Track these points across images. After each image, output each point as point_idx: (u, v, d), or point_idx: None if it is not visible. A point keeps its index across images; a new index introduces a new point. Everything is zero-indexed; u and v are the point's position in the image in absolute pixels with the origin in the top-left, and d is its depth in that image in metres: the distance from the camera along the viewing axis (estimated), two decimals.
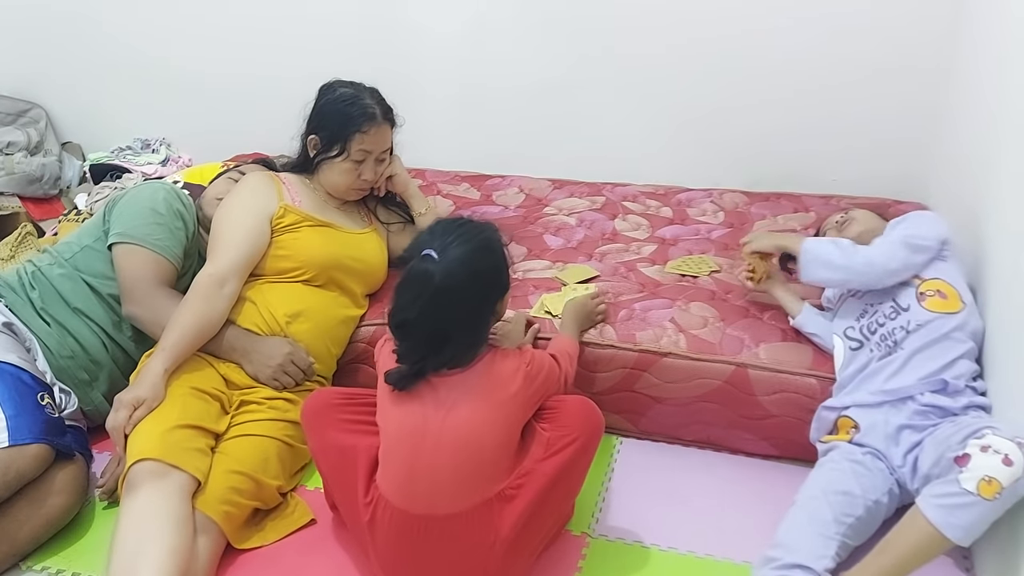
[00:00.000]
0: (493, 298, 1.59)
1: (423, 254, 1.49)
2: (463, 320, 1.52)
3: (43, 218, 3.18)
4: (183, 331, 1.81)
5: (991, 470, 1.36)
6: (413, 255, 1.52)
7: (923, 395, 1.65)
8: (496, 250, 1.58)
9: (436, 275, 1.47)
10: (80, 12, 3.33)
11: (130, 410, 1.70)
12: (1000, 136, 1.89)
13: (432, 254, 1.49)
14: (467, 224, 1.57)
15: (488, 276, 1.56)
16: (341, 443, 1.62)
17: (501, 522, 1.52)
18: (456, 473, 1.50)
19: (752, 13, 2.66)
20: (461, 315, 1.52)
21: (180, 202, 2.08)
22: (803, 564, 1.47)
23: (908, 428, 1.63)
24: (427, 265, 1.48)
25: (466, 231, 1.55)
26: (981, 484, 1.36)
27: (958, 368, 1.67)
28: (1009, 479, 1.35)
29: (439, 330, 1.50)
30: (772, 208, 2.65)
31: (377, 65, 2.56)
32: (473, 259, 1.51)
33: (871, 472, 1.63)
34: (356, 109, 2.05)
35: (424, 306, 1.48)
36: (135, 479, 1.61)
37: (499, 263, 1.59)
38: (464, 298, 1.51)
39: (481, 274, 1.53)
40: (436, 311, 1.49)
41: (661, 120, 2.88)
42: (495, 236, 1.59)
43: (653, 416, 2.00)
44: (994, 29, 2.09)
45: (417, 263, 1.50)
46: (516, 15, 2.88)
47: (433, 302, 1.48)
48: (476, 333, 1.57)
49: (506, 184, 2.91)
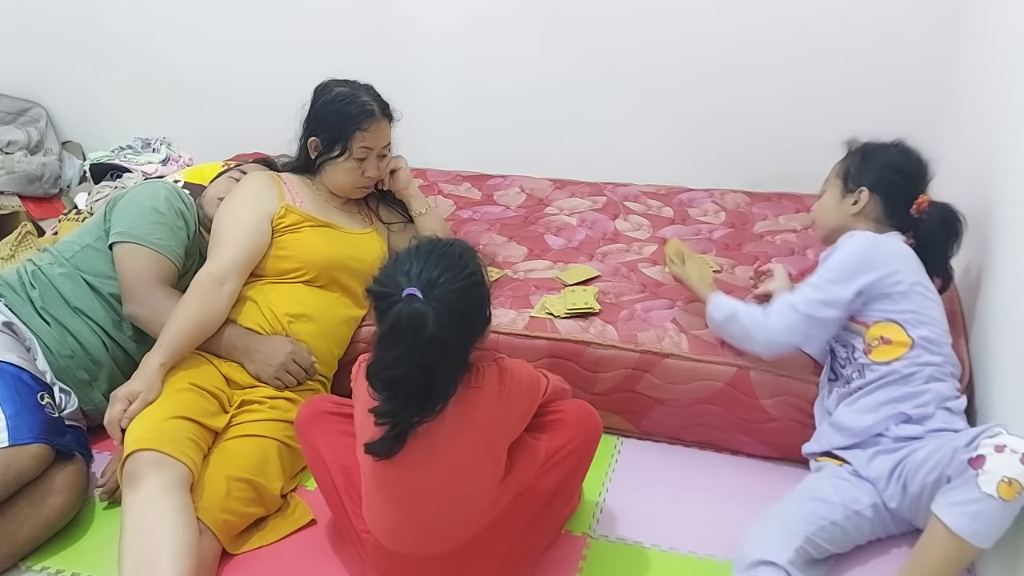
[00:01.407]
0: (477, 335, 1.44)
1: (406, 294, 1.32)
2: (450, 366, 1.38)
3: (43, 217, 3.17)
4: (181, 328, 1.81)
5: (1010, 470, 1.32)
6: (391, 291, 1.34)
7: (888, 429, 1.65)
8: (480, 282, 1.42)
9: (428, 324, 1.30)
10: (81, 11, 3.33)
11: (125, 404, 1.70)
12: (1003, 134, 1.89)
13: (416, 294, 1.32)
14: (447, 256, 1.39)
15: (475, 314, 1.41)
16: (331, 458, 1.59)
17: (500, 542, 1.51)
18: (445, 516, 1.46)
19: (753, 13, 2.66)
20: (450, 362, 1.38)
21: (181, 201, 2.08)
22: (766, 560, 1.48)
23: (881, 454, 1.64)
24: (419, 310, 1.31)
25: (450, 265, 1.37)
26: (1001, 486, 1.32)
27: (922, 398, 1.63)
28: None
29: (427, 380, 1.35)
30: (773, 208, 2.65)
31: (378, 64, 2.56)
32: (464, 301, 1.36)
33: (854, 485, 1.64)
34: (354, 107, 2.05)
35: (416, 358, 1.32)
36: (134, 471, 1.60)
37: (483, 296, 1.43)
38: (455, 346, 1.37)
39: (469, 314, 1.38)
40: (425, 360, 1.33)
41: (662, 120, 2.87)
42: (477, 266, 1.42)
43: (654, 417, 2.00)
44: (997, 27, 2.09)
45: (405, 307, 1.32)
46: (517, 15, 2.87)
47: (425, 353, 1.32)
48: (459, 374, 1.41)
49: (507, 184, 2.90)
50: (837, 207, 1.85)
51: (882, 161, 1.82)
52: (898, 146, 1.84)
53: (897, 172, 1.80)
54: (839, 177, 1.85)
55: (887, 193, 1.79)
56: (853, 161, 1.85)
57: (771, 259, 2.33)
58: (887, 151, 1.83)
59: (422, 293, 1.32)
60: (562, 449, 1.57)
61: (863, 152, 1.85)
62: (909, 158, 1.82)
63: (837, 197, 1.85)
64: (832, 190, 1.87)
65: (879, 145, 1.85)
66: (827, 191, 1.88)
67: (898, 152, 1.83)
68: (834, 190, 1.86)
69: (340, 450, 1.57)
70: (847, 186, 1.83)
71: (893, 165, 1.81)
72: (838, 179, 1.85)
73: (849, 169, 1.84)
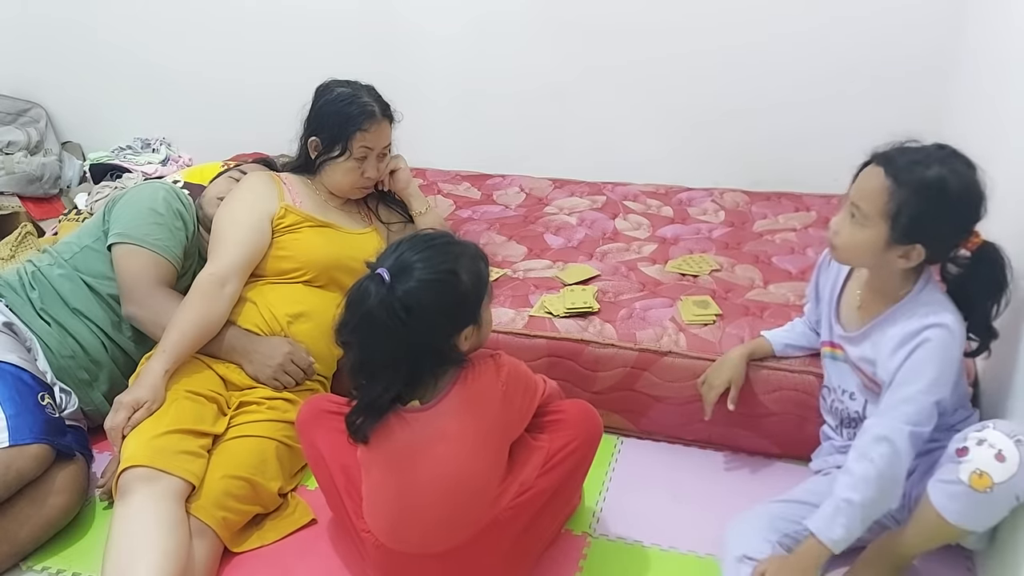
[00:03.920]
0: (448, 332, 1.45)
1: (376, 272, 1.39)
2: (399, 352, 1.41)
3: (43, 218, 3.18)
4: (183, 331, 1.81)
5: (983, 464, 1.37)
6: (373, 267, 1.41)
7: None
8: (461, 283, 1.42)
9: (367, 301, 1.37)
10: (80, 11, 3.33)
11: (129, 411, 1.70)
12: (1001, 136, 1.88)
13: (384, 275, 1.38)
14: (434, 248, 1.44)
15: (444, 311, 1.42)
16: (331, 457, 1.59)
17: (500, 542, 1.51)
18: (445, 513, 1.46)
19: (754, 18, 2.66)
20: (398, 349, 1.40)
21: (180, 202, 2.08)
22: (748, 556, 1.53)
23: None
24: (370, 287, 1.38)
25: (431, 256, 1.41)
26: (973, 476, 1.37)
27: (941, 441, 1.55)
28: (1002, 475, 1.35)
29: (369, 357, 1.42)
30: (773, 207, 2.65)
31: (378, 66, 2.56)
32: (429, 293, 1.38)
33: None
34: (355, 108, 2.05)
35: (357, 329, 1.40)
36: (126, 486, 1.61)
37: (460, 297, 1.43)
38: (401, 332, 1.37)
39: (436, 310, 1.40)
40: (365, 336, 1.40)
41: (662, 119, 2.88)
42: (464, 267, 1.43)
43: (653, 415, 2.00)
44: (995, 31, 2.09)
45: (362, 280, 1.40)
46: (516, 21, 2.88)
47: (362, 327, 1.39)
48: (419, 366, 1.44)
49: (507, 184, 2.90)
50: (878, 254, 1.50)
51: (942, 208, 1.44)
52: (957, 173, 1.44)
53: (957, 218, 1.46)
54: (885, 218, 1.45)
55: (942, 243, 1.49)
56: (907, 203, 1.44)
57: (771, 258, 2.33)
58: (946, 189, 1.43)
59: (392, 275, 1.38)
60: (563, 449, 1.57)
61: (917, 190, 1.43)
62: (970, 193, 1.44)
63: (880, 242, 1.48)
64: (873, 228, 1.47)
65: (936, 181, 1.43)
66: (863, 223, 1.49)
67: (958, 184, 1.43)
68: (877, 230, 1.47)
69: (340, 449, 1.57)
70: (896, 234, 1.46)
71: (954, 212, 1.45)
72: (883, 220, 1.46)
73: (901, 212, 1.44)
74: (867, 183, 1.49)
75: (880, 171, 1.47)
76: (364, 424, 1.47)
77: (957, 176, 1.43)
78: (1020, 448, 1.36)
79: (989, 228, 1.85)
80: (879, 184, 1.46)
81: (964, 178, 1.44)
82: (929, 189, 1.43)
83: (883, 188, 1.46)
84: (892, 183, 1.45)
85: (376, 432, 1.47)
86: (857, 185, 1.52)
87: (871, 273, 1.59)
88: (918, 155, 1.46)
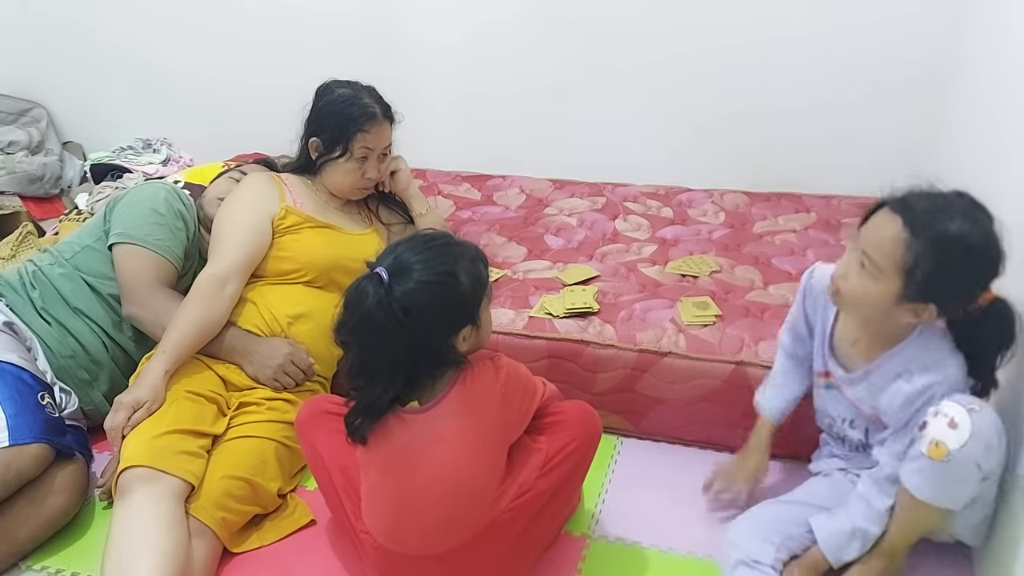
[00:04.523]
0: (446, 334, 1.45)
1: (374, 272, 1.39)
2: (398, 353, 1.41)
3: (44, 218, 3.18)
4: (184, 332, 1.81)
5: (937, 433, 1.37)
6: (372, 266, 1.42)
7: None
8: (459, 283, 1.42)
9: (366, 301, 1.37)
10: (81, 11, 3.33)
11: (129, 411, 1.70)
12: (1002, 136, 1.88)
13: (382, 275, 1.38)
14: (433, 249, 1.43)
15: (442, 313, 1.42)
16: (331, 458, 1.59)
17: (499, 543, 1.51)
18: (444, 514, 1.46)
19: (755, 23, 2.66)
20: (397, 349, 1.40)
21: (181, 202, 2.08)
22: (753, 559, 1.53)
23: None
24: (367, 287, 1.38)
25: (430, 258, 1.41)
26: (930, 447, 1.38)
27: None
28: (955, 442, 1.35)
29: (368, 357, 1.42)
30: (772, 209, 2.65)
31: (378, 67, 2.56)
32: (426, 294, 1.38)
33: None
34: (356, 109, 2.05)
35: (356, 329, 1.40)
36: (126, 486, 1.61)
37: (458, 299, 1.43)
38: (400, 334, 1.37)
39: (434, 312, 1.40)
40: (364, 336, 1.40)
41: (662, 121, 2.88)
42: (463, 268, 1.43)
43: (653, 416, 2.00)
44: (995, 39, 2.09)
45: (360, 280, 1.40)
46: (517, 24, 2.88)
47: (362, 327, 1.39)
48: (417, 362, 1.43)
49: (507, 184, 2.91)
50: (886, 309, 1.41)
51: (962, 267, 1.34)
52: (980, 228, 1.33)
53: (977, 277, 1.36)
54: (899, 272, 1.35)
55: (957, 302, 1.40)
56: (925, 258, 1.33)
57: (771, 259, 2.33)
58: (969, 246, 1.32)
59: (391, 275, 1.38)
60: (562, 451, 1.57)
61: (938, 245, 1.32)
62: (992, 250, 1.33)
63: (890, 297, 1.38)
64: (885, 282, 1.37)
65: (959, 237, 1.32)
66: (874, 275, 1.38)
67: (982, 241, 1.32)
68: (888, 284, 1.37)
69: (340, 450, 1.57)
70: (910, 291, 1.36)
71: (974, 271, 1.35)
72: (897, 274, 1.35)
73: (918, 268, 1.33)
74: (881, 232, 1.36)
75: (897, 220, 1.34)
76: (363, 425, 1.47)
77: (980, 231, 1.32)
78: (972, 416, 1.36)
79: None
80: (895, 234, 1.34)
81: (987, 233, 1.33)
82: (950, 245, 1.31)
83: (900, 239, 1.33)
84: (910, 235, 1.33)
85: (375, 433, 1.47)
86: (870, 232, 1.38)
87: (871, 319, 1.49)
88: (938, 204, 1.34)
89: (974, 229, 1.32)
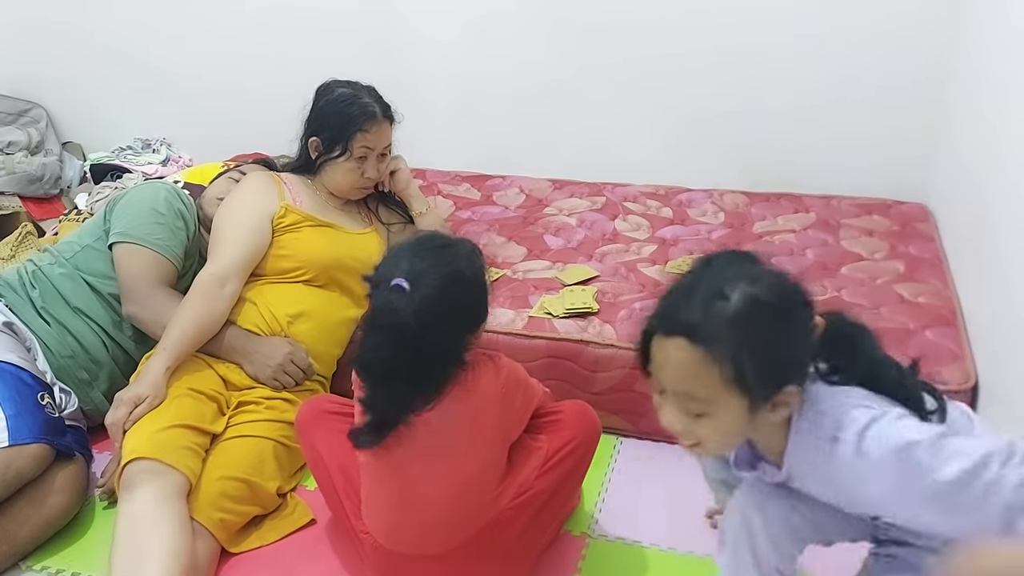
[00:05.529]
0: (466, 333, 1.44)
1: (393, 284, 1.34)
2: (433, 361, 1.38)
3: (43, 218, 3.18)
4: (184, 330, 1.81)
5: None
6: (381, 280, 1.37)
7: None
8: (471, 280, 1.42)
9: (406, 312, 1.32)
10: (80, 14, 3.33)
11: (130, 407, 1.70)
12: (1001, 135, 1.89)
13: (403, 284, 1.34)
14: (436, 250, 1.41)
15: (463, 312, 1.41)
16: (330, 458, 1.59)
17: (499, 542, 1.51)
18: (443, 514, 1.46)
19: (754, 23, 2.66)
20: (432, 357, 1.38)
21: (181, 202, 2.08)
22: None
23: None
24: (397, 300, 1.33)
25: (437, 259, 1.39)
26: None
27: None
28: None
29: (405, 371, 1.36)
30: (772, 209, 2.65)
31: (378, 66, 2.57)
32: (447, 295, 1.35)
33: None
34: (356, 108, 2.05)
35: (392, 347, 1.35)
36: (131, 479, 1.61)
37: (475, 295, 1.43)
38: (436, 340, 1.36)
39: (455, 311, 1.38)
40: (402, 350, 1.35)
41: (661, 121, 2.88)
42: (471, 263, 1.42)
43: (653, 416, 1.96)
44: (994, 38, 2.09)
45: (384, 294, 1.35)
46: (515, 23, 2.87)
47: (400, 342, 1.34)
48: (446, 371, 1.42)
49: (506, 184, 2.91)
50: (750, 425, 1.14)
51: (780, 328, 1.10)
52: (759, 280, 1.10)
53: (799, 323, 1.12)
54: (728, 387, 1.08)
55: (804, 358, 1.15)
56: (737, 356, 1.07)
57: (770, 259, 2.32)
58: (767, 305, 1.08)
59: (409, 284, 1.33)
60: (562, 450, 1.58)
61: (741, 334, 1.07)
62: (787, 289, 1.12)
63: (743, 415, 1.11)
64: (724, 409, 1.11)
65: (750, 307, 1.07)
66: (707, 411, 1.12)
67: (772, 292, 1.09)
68: (730, 407, 1.11)
69: (339, 450, 1.56)
70: (756, 396, 1.10)
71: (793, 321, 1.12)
72: (727, 390, 1.09)
73: (744, 371, 1.07)
74: (677, 365, 1.11)
75: (680, 342, 1.09)
76: (374, 440, 1.42)
77: (761, 284, 1.09)
78: None
79: (993, 233, 1.87)
80: (690, 358, 1.08)
81: (765, 278, 1.10)
82: (750, 323, 1.07)
83: (700, 361, 1.08)
84: (705, 347, 1.07)
85: None
86: (665, 373, 1.13)
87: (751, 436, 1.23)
88: (701, 290, 1.10)
89: (754, 288, 1.08)
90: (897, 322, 2.01)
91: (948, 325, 1.98)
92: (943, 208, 2.48)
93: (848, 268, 2.28)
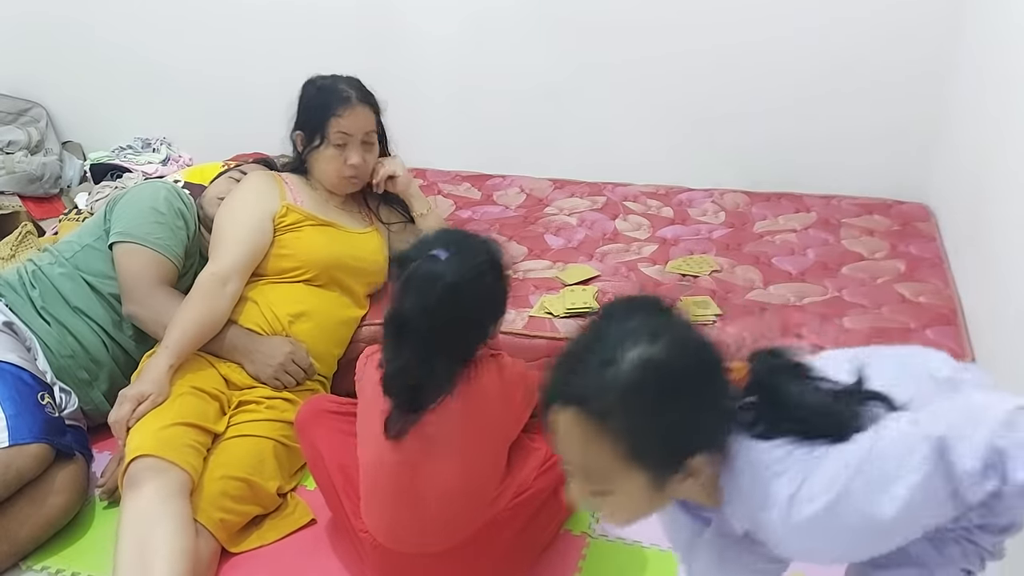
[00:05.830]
0: (489, 317, 1.47)
1: (432, 254, 1.38)
2: (455, 344, 1.41)
3: (43, 217, 3.17)
4: (186, 329, 1.81)
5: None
6: (418, 255, 1.41)
7: None
8: (498, 269, 1.46)
9: (445, 275, 1.36)
10: (80, 11, 3.33)
11: (134, 404, 1.71)
12: (1003, 130, 1.88)
13: (440, 255, 1.38)
14: (476, 237, 1.48)
15: (488, 298, 1.45)
16: (330, 457, 1.59)
17: (499, 542, 1.51)
18: (443, 513, 1.46)
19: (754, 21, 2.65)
20: (454, 339, 1.41)
21: (181, 201, 2.08)
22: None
23: None
24: (435, 266, 1.37)
25: (475, 242, 1.45)
26: None
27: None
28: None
29: (435, 336, 1.37)
30: (773, 208, 2.65)
31: (377, 62, 2.56)
32: (481, 269, 1.41)
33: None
34: (330, 95, 2.04)
35: (429, 306, 1.36)
36: (135, 476, 1.61)
37: (499, 286, 1.47)
38: (467, 308, 1.39)
39: (483, 294, 1.42)
40: (438, 312, 1.36)
41: (662, 120, 2.87)
42: (498, 255, 1.47)
43: None
44: (995, 30, 2.09)
45: (424, 263, 1.38)
46: (514, 19, 2.87)
47: (439, 302, 1.36)
48: (460, 360, 1.44)
49: (507, 184, 2.90)
50: (659, 497, 1.03)
51: (682, 394, 0.97)
52: (655, 338, 0.97)
53: (703, 388, 1.00)
54: (627, 463, 0.97)
55: (715, 424, 1.02)
56: (634, 428, 0.95)
57: (771, 259, 2.33)
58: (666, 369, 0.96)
59: (445, 255, 1.38)
60: None
61: (637, 403, 0.94)
62: (692, 349, 1.01)
63: (646, 488, 1.00)
64: (626, 484, 0.99)
65: (645, 372, 0.95)
66: (609, 486, 1.00)
67: (665, 352, 0.96)
68: (632, 481, 0.99)
69: (339, 449, 1.57)
70: (661, 469, 0.99)
71: (697, 384, 0.99)
72: (628, 465, 0.97)
73: (643, 445, 0.96)
74: (573, 442, 0.99)
75: (573, 414, 0.97)
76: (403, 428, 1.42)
77: (663, 342, 0.96)
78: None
79: (993, 232, 1.86)
80: (585, 432, 0.96)
81: (672, 335, 0.98)
82: (646, 390, 0.94)
83: (594, 435, 0.96)
84: (599, 419, 0.95)
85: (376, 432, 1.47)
86: (561, 444, 1.02)
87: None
88: (596, 351, 0.96)
89: (652, 349, 0.95)
90: (898, 321, 2.00)
91: (949, 324, 1.98)
92: (944, 207, 2.48)
93: (849, 268, 2.28)
